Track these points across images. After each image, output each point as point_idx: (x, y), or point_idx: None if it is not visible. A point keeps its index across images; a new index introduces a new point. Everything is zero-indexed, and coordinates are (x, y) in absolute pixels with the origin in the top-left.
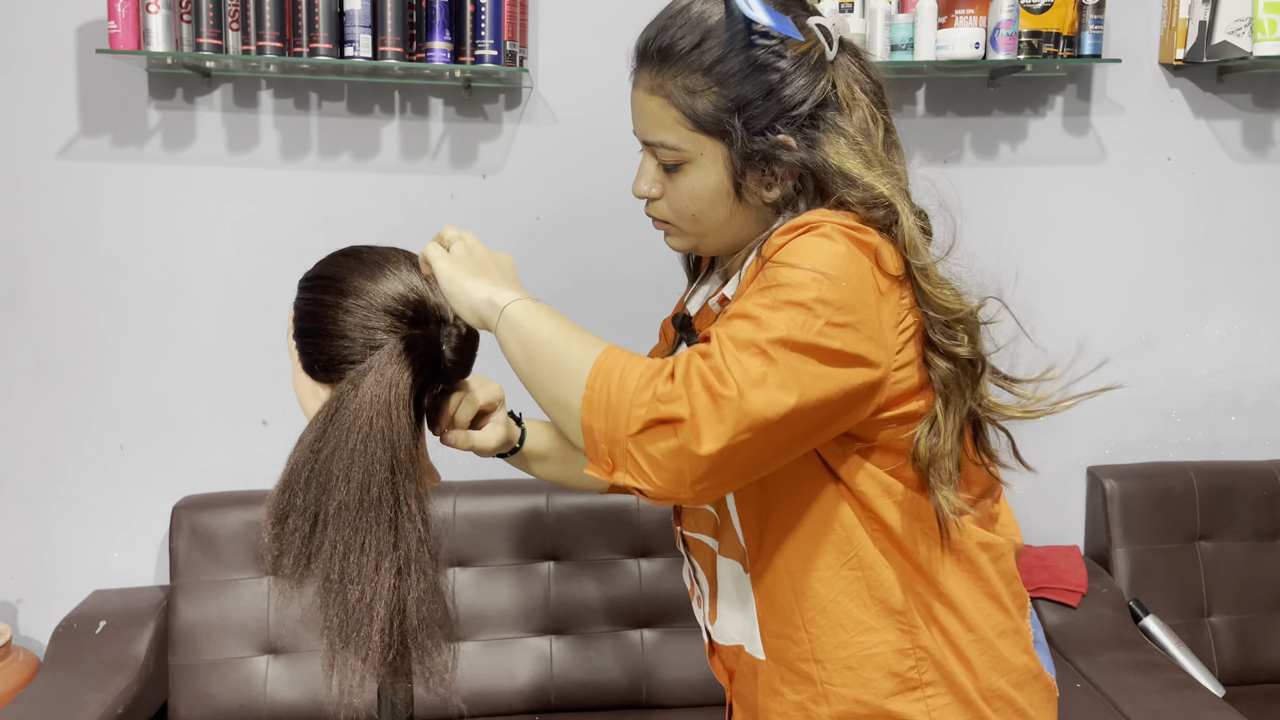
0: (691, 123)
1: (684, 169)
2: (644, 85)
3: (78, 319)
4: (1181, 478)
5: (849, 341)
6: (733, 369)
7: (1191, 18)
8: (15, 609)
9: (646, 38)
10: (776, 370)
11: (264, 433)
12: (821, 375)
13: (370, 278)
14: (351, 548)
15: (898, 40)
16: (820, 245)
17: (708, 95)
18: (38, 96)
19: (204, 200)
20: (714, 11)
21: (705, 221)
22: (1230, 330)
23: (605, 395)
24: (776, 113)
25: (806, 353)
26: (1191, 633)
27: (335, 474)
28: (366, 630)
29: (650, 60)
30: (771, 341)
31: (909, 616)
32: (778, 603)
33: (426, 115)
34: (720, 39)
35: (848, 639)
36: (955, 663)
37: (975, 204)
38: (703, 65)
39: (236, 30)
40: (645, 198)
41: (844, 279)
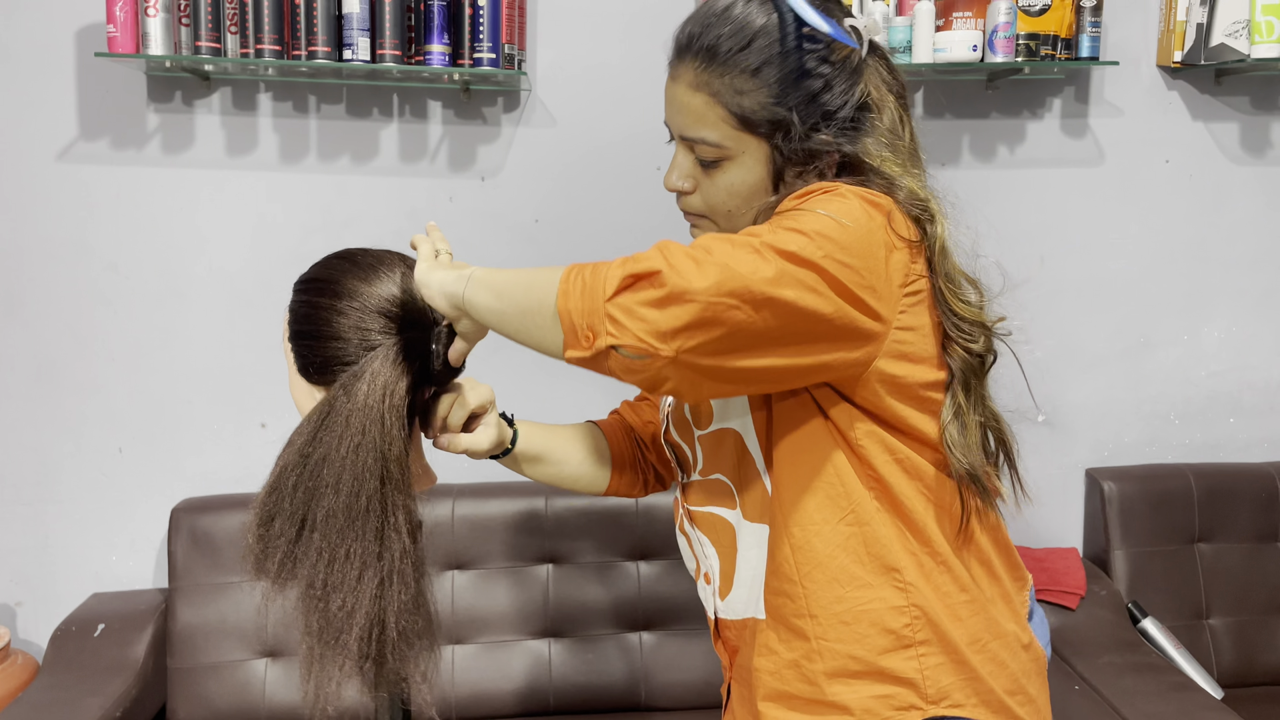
0: (737, 121)
1: (723, 165)
2: (686, 81)
3: (76, 321)
4: (1180, 480)
5: (848, 278)
6: (715, 247)
7: (1189, 20)
8: (14, 612)
9: (691, 33)
10: (768, 264)
11: (262, 435)
12: (814, 288)
13: (364, 280)
14: (336, 556)
15: (895, 43)
16: (831, 198)
17: (755, 96)
18: (37, 100)
19: (203, 203)
20: (760, 13)
21: (740, 217)
22: (1228, 332)
23: (580, 280)
24: (821, 114)
25: (804, 265)
26: (1190, 635)
27: (325, 480)
28: (345, 638)
29: (695, 56)
30: (768, 245)
31: (904, 574)
32: (777, 558)
33: (425, 118)
34: (769, 40)
35: (843, 594)
36: (950, 623)
37: (973, 206)
38: (751, 66)
39: (235, 33)
40: (677, 191)
41: (853, 225)
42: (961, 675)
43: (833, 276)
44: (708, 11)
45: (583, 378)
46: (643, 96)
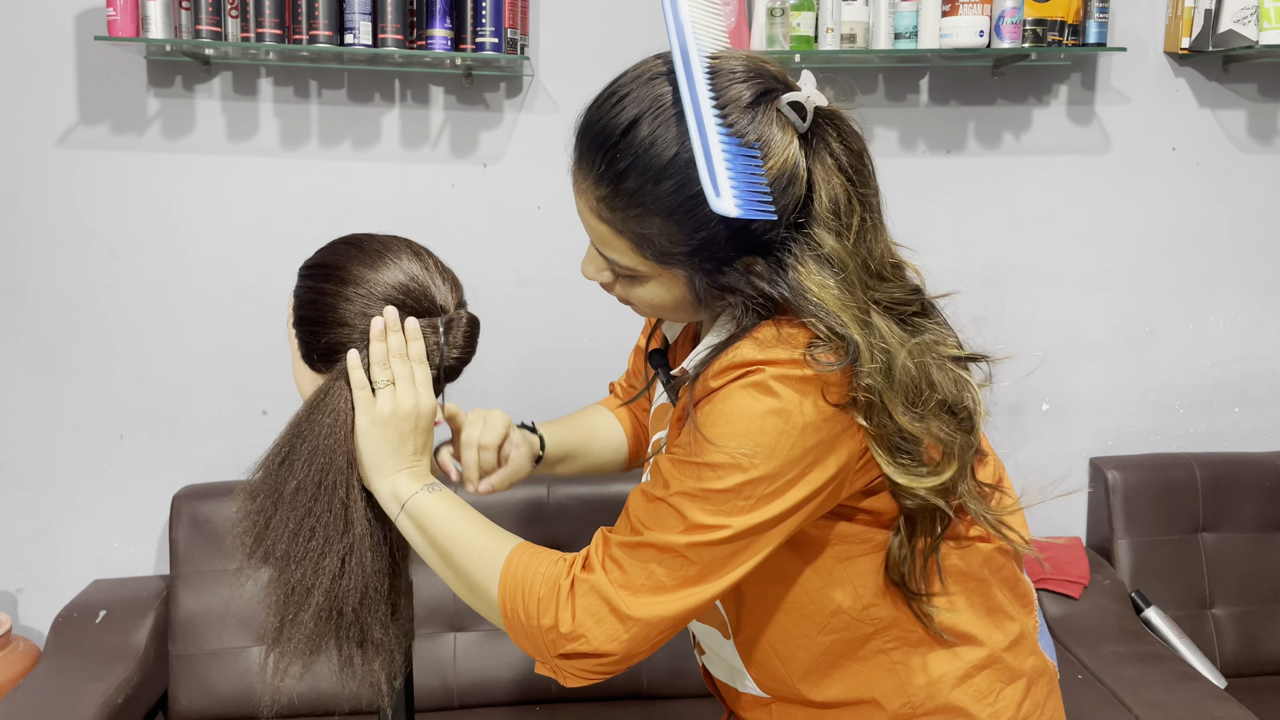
0: (649, 254)
1: (641, 281)
2: (588, 204)
3: (77, 308)
4: (1184, 469)
5: (788, 498)
6: (639, 583)
7: (1197, 6)
8: (15, 599)
9: (591, 144)
10: (696, 574)
11: (264, 422)
12: (748, 547)
13: (370, 266)
14: (301, 530)
15: (901, 29)
16: (747, 410)
17: (666, 238)
18: (36, 85)
19: (203, 189)
20: (669, 140)
21: (669, 315)
22: (1234, 321)
23: (519, 621)
24: (744, 244)
25: (736, 540)
26: (1193, 624)
27: (300, 455)
28: (302, 614)
29: (597, 180)
30: (693, 545)
31: (893, 656)
32: (767, 668)
33: (427, 103)
34: (680, 180)
35: (837, 680)
36: (962, 691)
37: (979, 193)
38: (661, 209)
39: (236, 17)
40: (598, 282)
41: (772, 448)
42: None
43: (769, 520)
44: (611, 125)
45: (583, 366)
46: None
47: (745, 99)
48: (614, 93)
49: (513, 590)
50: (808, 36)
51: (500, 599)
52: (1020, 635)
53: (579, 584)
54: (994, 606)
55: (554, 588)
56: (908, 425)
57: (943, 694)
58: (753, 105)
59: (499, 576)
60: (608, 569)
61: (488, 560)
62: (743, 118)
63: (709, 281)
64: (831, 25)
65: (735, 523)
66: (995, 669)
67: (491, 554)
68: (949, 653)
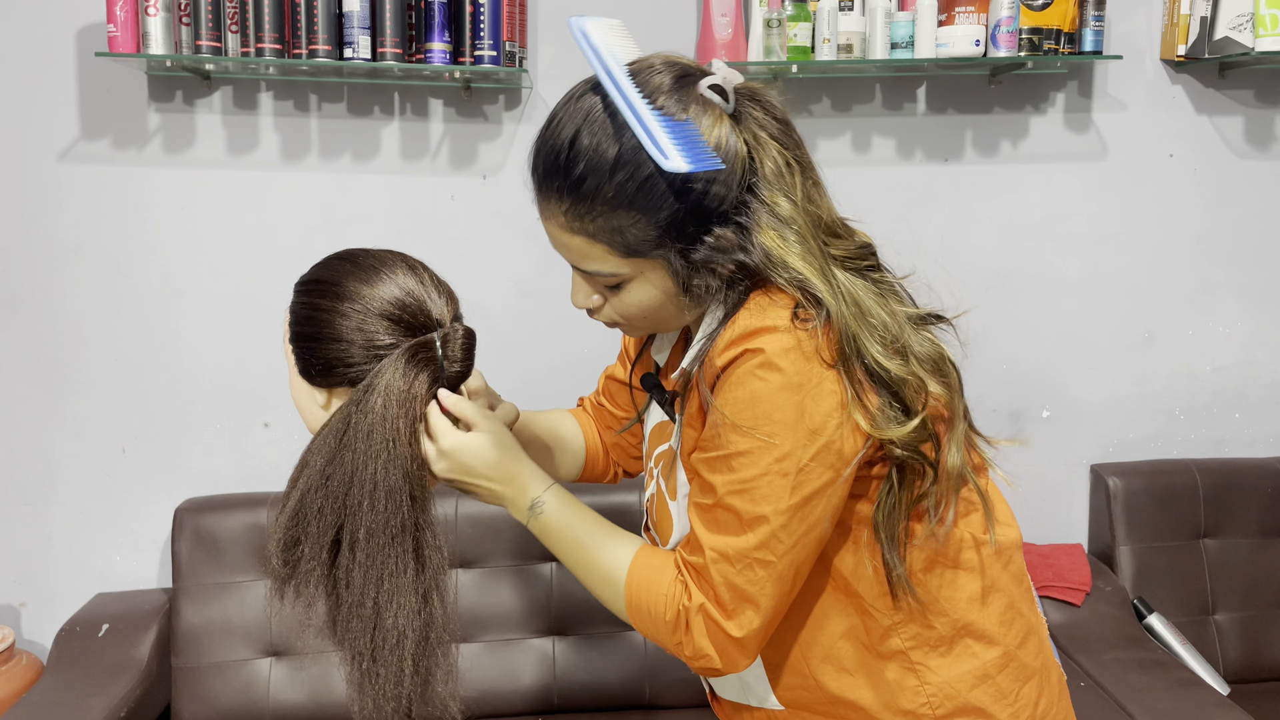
0: (624, 251)
1: (626, 286)
2: (558, 223)
3: (79, 321)
4: (1185, 475)
5: (826, 464)
6: (726, 598)
7: (1193, 14)
8: (18, 612)
9: (546, 169)
10: (770, 571)
11: (265, 434)
12: (811, 518)
13: (366, 282)
14: (384, 574)
15: (898, 38)
16: (758, 392)
17: (635, 227)
18: (38, 100)
19: (204, 202)
20: (608, 140)
21: (659, 321)
22: (1234, 327)
23: (651, 634)
24: (707, 215)
25: (793, 515)
26: (1196, 631)
27: (357, 500)
28: (398, 653)
29: (558, 197)
30: (758, 545)
31: (912, 656)
32: (782, 651)
33: (426, 116)
34: (630, 169)
35: (856, 682)
36: (981, 691)
37: (977, 201)
38: (622, 200)
39: (236, 32)
40: (589, 310)
41: (794, 421)
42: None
43: (817, 489)
44: (555, 146)
45: (583, 376)
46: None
47: (667, 85)
48: (551, 120)
49: (640, 611)
50: (805, 47)
51: (631, 617)
52: (1030, 631)
53: (688, 612)
54: (1007, 604)
55: (677, 613)
56: (888, 365)
57: (961, 694)
58: (675, 89)
59: (624, 594)
60: (704, 590)
61: (610, 579)
62: (669, 100)
63: (686, 264)
64: (828, 35)
65: (784, 502)
66: (1012, 668)
67: (613, 569)
68: (966, 652)
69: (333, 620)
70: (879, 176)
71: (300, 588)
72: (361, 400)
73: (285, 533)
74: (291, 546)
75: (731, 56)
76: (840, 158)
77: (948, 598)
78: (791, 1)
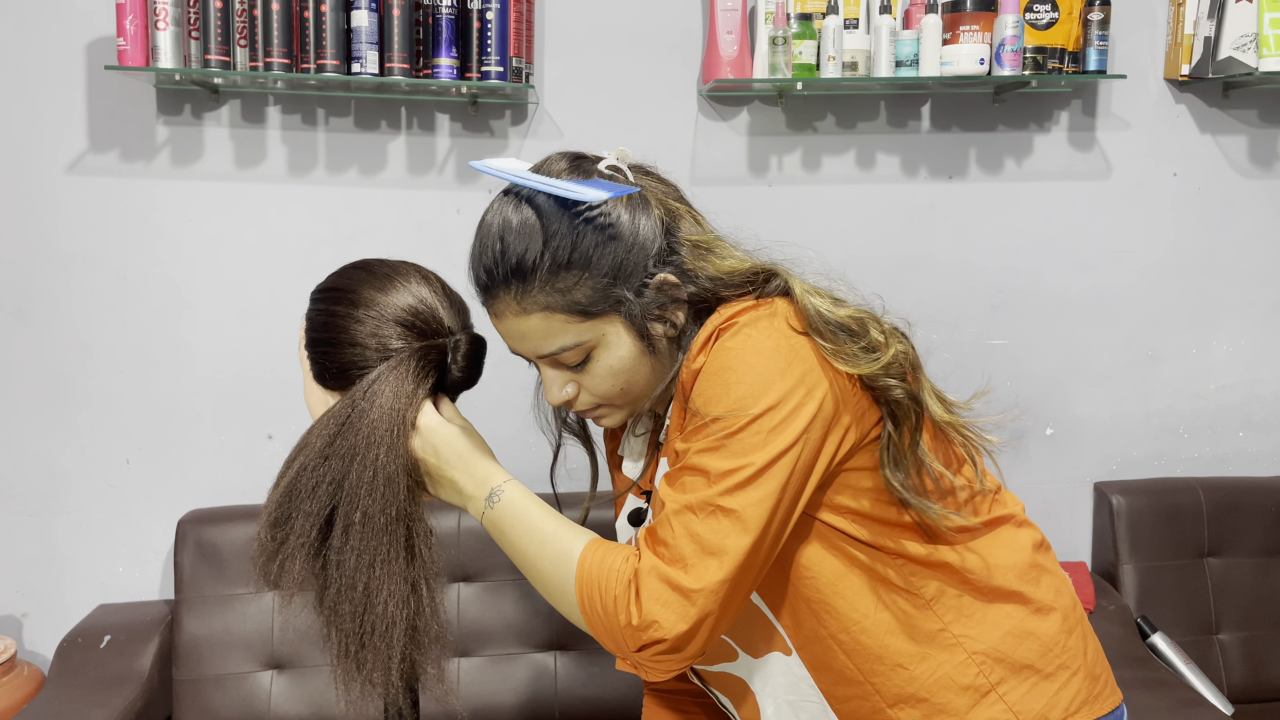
0: (581, 315)
1: (593, 355)
2: (512, 311)
3: (85, 333)
4: (1189, 493)
5: (795, 425)
6: (686, 552)
7: (1197, 34)
8: (20, 623)
9: (488, 268)
10: (735, 521)
11: (269, 447)
12: (776, 484)
13: (381, 289)
14: (377, 559)
15: (902, 56)
16: (728, 360)
17: (583, 284)
18: (48, 112)
19: (211, 215)
20: (532, 212)
21: (633, 388)
22: (1238, 345)
23: (599, 619)
24: (644, 260)
25: (760, 475)
26: (1199, 650)
27: (355, 482)
28: (386, 641)
29: (506, 286)
30: (723, 491)
31: (951, 629)
32: (834, 668)
33: (433, 131)
34: (560, 230)
35: (911, 675)
36: (1014, 645)
37: (980, 219)
38: (563, 261)
39: (244, 47)
40: (565, 401)
41: (764, 383)
42: (1051, 687)
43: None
44: (489, 243)
45: None
46: (648, 109)
47: (565, 167)
48: (478, 237)
49: (590, 589)
50: (809, 65)
51: (579, 598)
52: (1061, 582)
53: (639, 575)
54: (1029, 562)
55: (627, 583)
56: (838, 312)
57: (1008, 655)
58: (574, 169)
59: (574, 577)
60: (659, 552)
61: (562, 559)
62: (572, 175)
63: (642, 313)
64: (833, 53)
65: (755, 458)
66: (1051, 619)
67: (565, 552)
68: (1000, 615)
69: (320, 602)
70: (883, 193)
71: (286, 564)
72: (368, 389)
73: (277, 508)
74: (282, 522)
75: (737, 74)
76: (844, 175)
77: (973, 564)
78: (797, 19)
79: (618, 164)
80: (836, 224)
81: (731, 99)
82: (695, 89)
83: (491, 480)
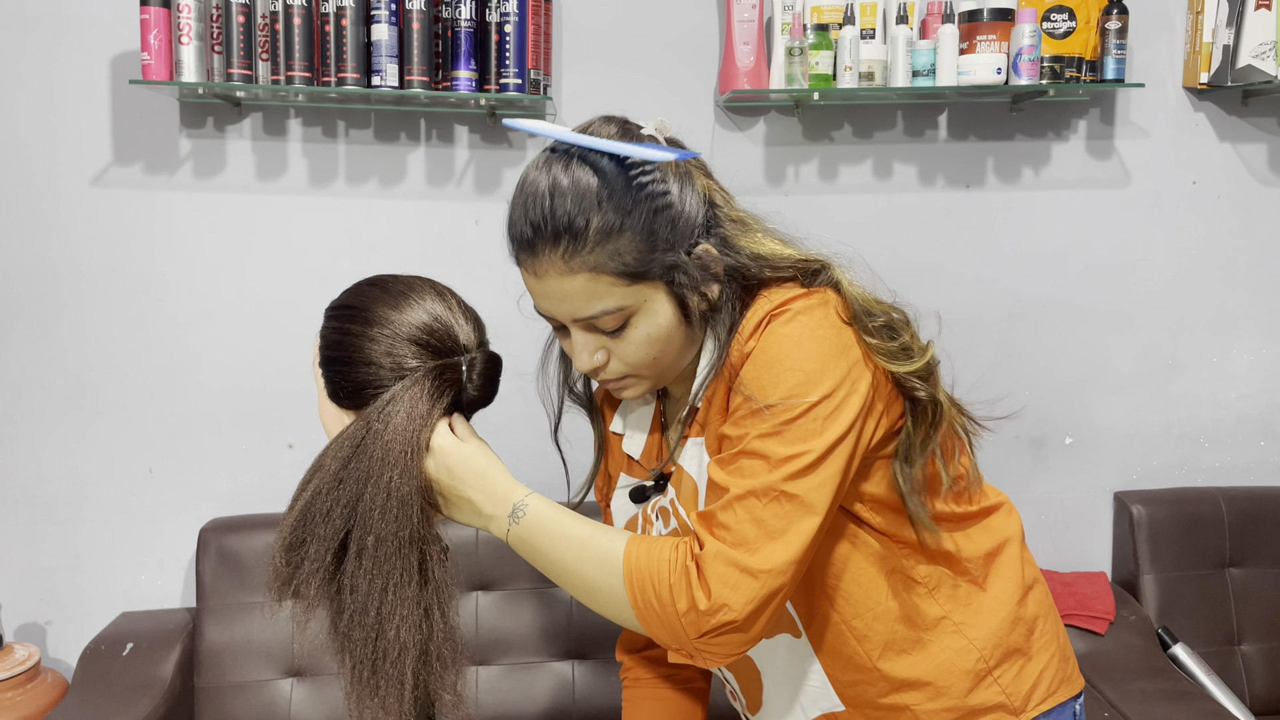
0: (629, 278)
1: (631, 322)
2: (556, 270)
3: (109, 343)
4: (1210, 503)
5: (848, 412)
6: (750, 535)
7: (1215, 42)
8: (44, 630)
9: (534, 224)
10: (798, 506)
11: (290, 456)
12: (831, 469)
13: (395, 307)
14: (389, 584)
15: (919, 66)
16: (783, 347)
17: (632, 250)
18: (73, 126)
19: (233, 227)
20: (585, 172)
21: (665, 358)
22: (1259, 354)
23: (653, 611)
24: (689, 229)
25: (821, 461)
26: (1221, 661)
27: (369, 506)
28: (398, 667)
29: (555, 242)
30: (787, 477)
31: (952, 617)
32: (844, 654)
33: (452, 142)
34: (613, 193)
35: (915, 660)
36: (1008, 632)
37: (998, 228)
38: (615, 226)
39: (266, 61)
40: (595, 369)
41: (819, 371)
42: (1035, 669)
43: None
44: (538, 199)
45: None
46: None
47: (615, 131)
48: (521, 191)
49: (642, 582)
50: (826, 75)
51: (630, 594)
52: (1035, 569)
53: (702, 560)
54: (1018, 554)
55: (684, 569)
56: (885, 309)
57: (1004, 640)
58: (623, 134)
59: (621, 572)
60: (720, 536)
61: (605, 559)
62: (619, 138)
63: (684, 281)
64: (850, 63)
65: (814, 445)
66: (1033, 602)
67: (608, 550)
68: (996, 601)
69: (334, 626)
70: (900, 203)
71: (301, 589)
72: (383, 410)
73: (291, 532)
74: (296, 546)
75: (754, 84)
76: (861, 184)
77: (969, 552)
78: (813, 30)
79: (656, 134)
80: (853, 234)
81: (748, 109)
82: (712, 99)
83: (512, 496)
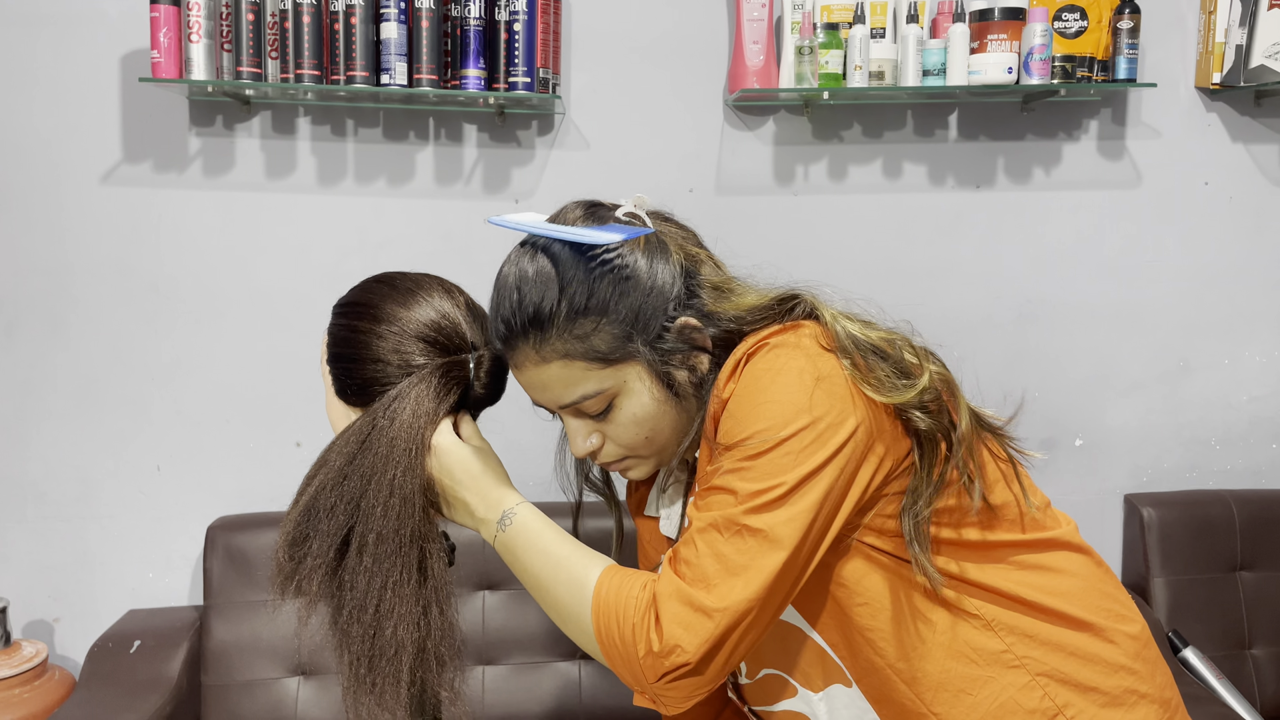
0: (601, 361)
1: (616, 404)
2: (531, 361)
3: (118, 341)
4: (1221, 506)
5: (828, 445)
6: (710, 571)
7: (1228, 41)
8: (52, 627)
9: (506, 320)
10: (762, 541)
11: (298, 454)
12: (812, 494)
13: (403, 304)
14: (389, 581)
15: (930, 65)
16: (758, 384)
17: (601, 330)
18: (82, 124)
19: (242, 225)
20: (548, 260)
21: (659, 435)
22: (1270, 356)
23: (616, 649)
24: (663, 304)
25: (791, 494)
26: (1232, 665)
27: (372, 503)
28: (395, 664)
29: (525, 336)
30: (750, 510)
31: (1014, 650)
32: (895, 699)
33: (460, 141)
34: (576, 276)
35: (975, 701)
36: (1077, 667)
37: (1009, 228)
38: (580, 307)
39: (275, 59)
40: (591, 452)
41: (796, 404)
42: (1117, 714)
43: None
44: (507, 294)
45: None
46: (674, 119)
47: (581, 215)
48: (493, 296)
49: (608, 617)
50: (836, 74)
51: (595, 627)
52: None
53: (658, 599)
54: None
55: (647, 606)
56: (869, 334)
57: (1071, 676)
58: (589, 216)
59: (590, 602)
60: (681, 572)
61: (578, 585)
62: (587, 223)
63: (661, 356)
64: (860, 63)
65: (785, 478)
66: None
67: (582, 576)
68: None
69: (334, 622)
70: (910, 203)
71: (303, 584)
72: (389, 406)
73: (295, 527)
74: (300, 542)
75: (763, 84)
76: (871, 184)
77: (1029, 583)
78: (823, 29)
79: (635, 210)
80: (863, 234)
81: (757, 108)
82: (721, 98)
83: (504, 503)
